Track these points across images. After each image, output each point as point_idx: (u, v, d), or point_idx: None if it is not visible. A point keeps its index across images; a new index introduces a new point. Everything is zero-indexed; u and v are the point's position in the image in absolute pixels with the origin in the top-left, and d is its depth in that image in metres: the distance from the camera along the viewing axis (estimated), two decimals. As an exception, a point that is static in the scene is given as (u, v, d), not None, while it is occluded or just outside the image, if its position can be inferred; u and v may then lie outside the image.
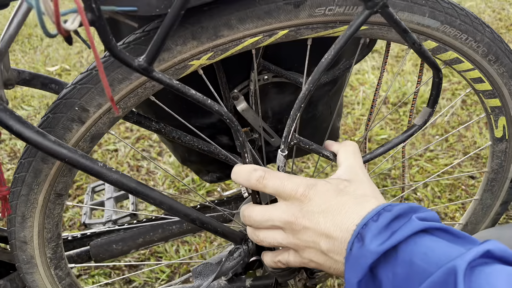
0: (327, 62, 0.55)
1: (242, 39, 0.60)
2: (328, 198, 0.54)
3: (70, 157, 0.58)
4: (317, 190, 0.55)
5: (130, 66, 0.49)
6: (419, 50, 0.58)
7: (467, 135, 2.02)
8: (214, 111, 0.56)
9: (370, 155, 0.69)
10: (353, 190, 0.55)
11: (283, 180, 0.57)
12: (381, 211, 0.50)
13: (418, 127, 0.68)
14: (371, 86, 2.36)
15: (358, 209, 0.52)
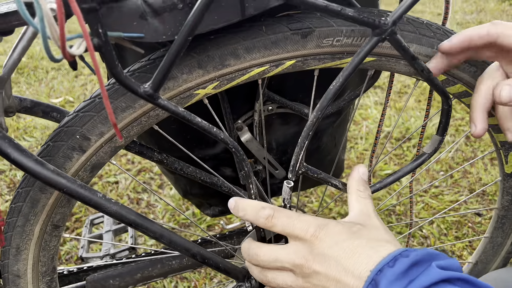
0: (335, 89, 0.54)
1: (249, 69, 0.59)
2: (340, 240, 0.51)
3: (68, 187, 0.56)
4: (328, 231, 0.52)
5: (136, 92, 0.48)
6: (428, 78, 0.57)
7: (472, 171, 2.00)
8: (219, 139, 0.55)
9: (380, 185, 0.67)
10: (366, 234, 0.52)
11: (293, 219, 0.54)
12: (398, 256, 0.47)
13: (428, 155, 0.66)
14: (374, 121, 2.36)
15: (372, 254, 0.49)
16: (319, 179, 0.61)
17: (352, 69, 0.53)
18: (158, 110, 0.60)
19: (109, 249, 0.94)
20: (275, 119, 0.82)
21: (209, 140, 0.82)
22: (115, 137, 0.61)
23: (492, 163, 2.05)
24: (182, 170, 0.78)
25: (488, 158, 2.08)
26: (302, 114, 0.80)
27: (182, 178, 0.91)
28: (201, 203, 0.98)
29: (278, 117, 0.82)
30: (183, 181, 0.92)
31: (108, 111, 0.42)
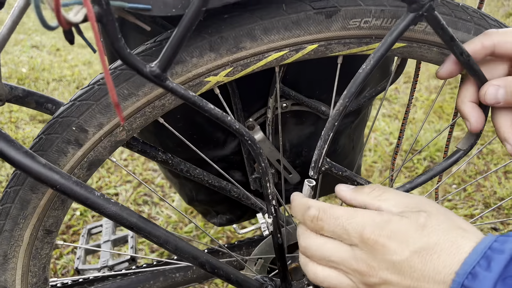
0: (365, 73, 0.47)
1: (266, 53, 0.53)
2: (410, 242, 0.43)
3: (62, 184, 0.49)
4: (391, 231, 0.43)
5: (141, 72, 0.42)
6: (467, 62, 0.50)
7: (486, 184, 1.93)
8: (234, 130, 0.48)
9: (410, 185, 0.60)
10: (437, 224, 0.43)
11: (342, 220, 0.46)
12: (489, 252, 0.39)
13: (463, 152, 0.59)
14: (382, 133, 2.30)
15: (454, 250, 0.41)
16: (344, 177, 0.55)
17: (385, 50, 0.47)
18: (164, 99, 0.53)
19: (108, 260, 0.87)
20: (289, 118, 0.76)
21: (218, 140, 0.76)
22: (116, 131, 0.54)
23: (506, 176, 1.98)
24: (189, 172, 0.71)
25: (502, 172, 2.01)
26: (319, 112, 0.74)
27: (187, 183, 0.84)
28: (207, 211, 0.91)
29: (293, 115, 0.76)
30: (188, 186, 0.85)
31: (109, 85, 0.35)
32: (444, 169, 0.61)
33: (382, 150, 2.15)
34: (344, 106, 0.49)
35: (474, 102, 0.56)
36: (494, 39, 0.51)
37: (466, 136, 0.60)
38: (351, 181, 0.55)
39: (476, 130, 0.55)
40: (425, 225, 0.43)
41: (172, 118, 0.71)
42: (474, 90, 0.55)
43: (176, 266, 0.80)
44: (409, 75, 3.08)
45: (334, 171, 0.54)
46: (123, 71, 0.51)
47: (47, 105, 0.63)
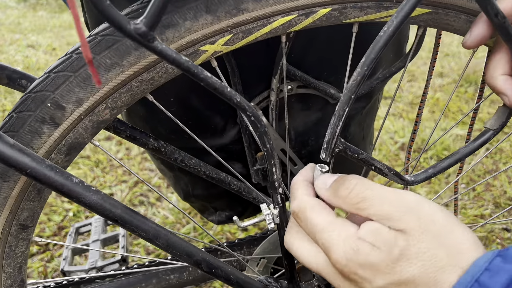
0: (388, 36, 0.40)
1: (271, 18, 0.46)
2: (379, 275, 0.37)
3: (33, 168, 0.42)
4: (359, 264, 0.38)
5: (123, 29, 0.34)
6: (502, 25, 0.43)
7: (495, 184, 1.85)
8: (234, 103, 0.41)
9: (433, 170, 0.53)
10: (415, 254, 0.36)
11: (316, 230, 0.41)
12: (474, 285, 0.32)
13: (493, 132, 0.52)
14: (386, 131, 2.23)
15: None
16: (360, 160, 0.47)
17: (411, 7, 0.40)
18: (153, 71, 0.46)
19: (96, 261, 0.79)
20: (294, 102, 0.69)
21: (216, 127, 0.69)
22: (98, 108, 0.47)
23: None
24: (183, 162, 0.64)
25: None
26: (328, 96, 0.67)
27: (182, 176, 0.77)
28: (205, 208, 0.83)
29: (298, 100, 0.69)
30: (184, 180, 0.78)
31: (79, 34, 0.28)
32: (471, 151, 0.54)
33: (387, 149, 2.08)
34: (363, 75, 0.42)
35: (507, 74, 0.49)
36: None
37: (496, 115, 0.53)
38: (368, 165, 0.48)
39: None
40: (399, 259, 0.36)
41: (165, 101, 0.63)
42: (506, 61, 0.48)
43: (171, 267, 0.73)
44: (413, 74, 3.01)
45: (349, 153, 0.46)
46: (105, 37, 0.44)
47: (21, 81, 0.56)
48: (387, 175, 0.50)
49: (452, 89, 2.72)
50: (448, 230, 0.37)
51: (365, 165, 0.48)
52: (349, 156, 0.46)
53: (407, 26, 0.73)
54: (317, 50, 0.64)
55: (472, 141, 0.54)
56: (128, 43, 0.44)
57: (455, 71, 3.03)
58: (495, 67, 0.49)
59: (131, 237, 1.53)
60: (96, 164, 1.95)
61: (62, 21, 4.54)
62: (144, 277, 0.72)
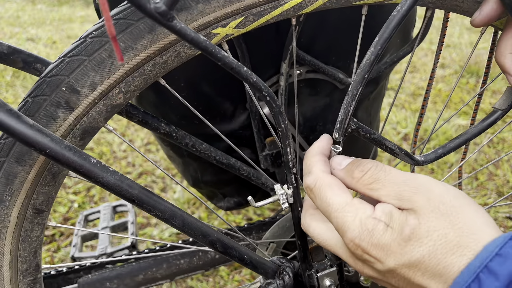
0: (401, 15, 0.41)
1: (282, 0, 0.46)
2: (391, 255, 0.37)
3: (52, 149, 0.43)
4: (372, 244, 0.39)
5: (143, 8, 0.35)
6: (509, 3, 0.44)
7: (498, 173, 1.86)
8: (250, 83, 0.42)
9: (443, 150, 0.54)
10: (425, 233, 0.36)
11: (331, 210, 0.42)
12: (481, 275, 0.32)
13: (502, 112, 0.53)
14: (389, 122, 2.23)
15: (440, 270, 0.35)
16: (372, 140, 0.48)
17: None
18: (166, 55, 0.47)
19: (106, 247, 0.80)
20: (303, 87, 0.69)
21: (226, 112, 0.69)
22: (112, 92, 0.48)
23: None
24: (194, 147, 0.65)
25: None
26: (336, 80, 0.68)
27: (192, 162, 0.78)
28: (214, 194, 0.84)
29: (307, 85, 0.69)
30: (193, 166, 0.78)
31: (104, 12, 0.29)
32: (480, 131, 0.54)
33: (390, 139, 2.08)
34: (376, 55, 0.43)
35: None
36: None
37: (504, 95, 0.53)
38: (379, 144, 0.49)
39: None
40: (410, 237, 0.37)
41: (175, 86, 0.64)
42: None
43: (181, 252, 0.74)
44: (414, 65, 3.01)
45: (362, 133, 0.47)
46: (118, 21, 0.45)
47: (36, 65, 0.56)
48: (398, 155, 0.51)
49: (453, 80, 2.73)
50: (458, 211, 0.37)
51: (377, 145, 0.48)
52: (362, 136, 0.47)
53: (414, 11, 0.73)
54: (326, 35, 0.64)
55: (481, 122, 0.55)
56: (141, 27, 0.44)
57: (456, 62, 3.03)
58: (505, 46, 0.50)
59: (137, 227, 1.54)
60: (100, 156, 1.96)
61: (61, 14, 4.53)
62: (154, 262, 0.73)
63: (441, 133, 2.10)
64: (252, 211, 1.61)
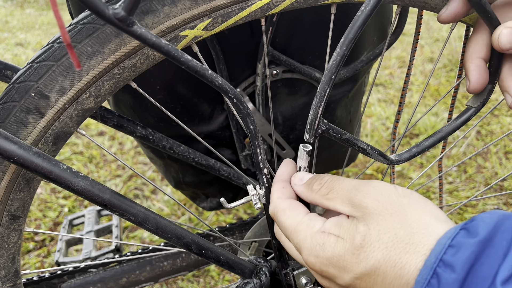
0: (365, 15, 0.41)
1: (249, 1, 0.47)
2: (347, 266, 0.37)
3: (20, 155, 0.43)
4: (326, 258, 0.39)
5: (102, 14, 0.35)
6: (478, 2, 0.44)
7: (487, 165, 1.87)
8: (215, 86, 0.42)
9: (417, 149, 0.54)
10: (376, 238, 0.36)
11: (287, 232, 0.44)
12: (438, 270, 0.31)
13: (475, 110, 0.53)
14: (378, 118, 2.24)
15: (398, 272, 0.35)
16: (343, 141, 0.48)
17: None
18: (134, 58, 0.47)
19: (90, 251, 0.80)
20: (280, 87, 0.70)
21: (204, 113, 0.69)
22: (82, 97, 0.48)
23: (507, 157, 1.93)
24: (172, 149, 0.65)
25: (503, 152, 1.96)
26: (313, 79, 0.68)
27: (173, 164, 0.78)
28: (196, 195, 0.84)
29: (284, 85, 0.70)
30: (174, 168, 0.79)
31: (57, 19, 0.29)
32: (454, 129, 0.55)
33: (379, 135, 2.09)
34: (342, 55, 0.43)
35: (483, 58, 0.50)
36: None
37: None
38: (351, 145, 0.49)
39: (473, 91, 0.50)
40: (362, 245, 0.36)
41: (151, 89, 0.64)
42: (483, 45, 0.49)
43: (164, 254, 0.74)
44: (404, 60, 3.02)
45: (332, 134, 0.47)
46: (85, 26, 0.45)
47: (6, 72, 0.56)
48: (371, 155, 0.51)
49: (442, 74, 2.74)
50: (406, 208, 0.37)
51: (349, 146, 0.49)
52: (332, 137, 0.47)
53: (390, 8, 0.74)
54: (302, 35, 0.64)
55: (455, 119, 0.55)
56: (108, 31, 0.45)
57: (445, 56, 3.04)
58: (473, 49, 0.50)
59: (128, 230, 1.54)
60: (90, 159, 1.95)
61: (50, 18, 4.51)
62: (138, 265, 0.73)
63: (429, 127, 2.11)
64: (243, 211, 1.61)
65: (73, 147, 2.04)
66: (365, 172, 1.83)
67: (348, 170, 1.86)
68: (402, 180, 1.79)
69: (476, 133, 2.10)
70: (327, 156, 0.81)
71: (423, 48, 3.19)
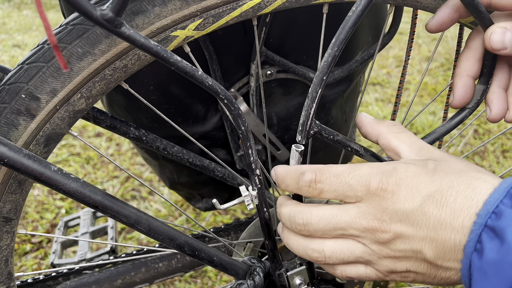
0: (356, 15, 0.41)
1: (240, 1, 0.46)
2: (421, 186, 0.38)
3: (10, 158, 0.43)
4: (400, 178, 0.39)
5: (90, 16, 0.35)
6: (471, 3, 0.44)
7: (484, 164, 1.87)
8: (206, 87, 0.42)
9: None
10: (449, 169, 0.39)
11: (343, 177, 0.40)
12: (511, 190, 0.34)
13: (469, 110, 0.53)
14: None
15: (471, 192, 0.36)
16: (335, 142, 0.48)
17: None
18: (125, 59, 0.47)
19: (86, 253, 0.80)
20: (275, 87, 0.70)
21: (198, 114, 0.69)
22: (73, 98, 0.48)
23: (504, 156, 1.93)
24: (166, 150, 0.65)
25: (500, 151, 1.96)
26: (307, 80, 0.68)
27: (167, 164, 0.78)
28: (191, 195, 0.84)
29: (279, 85, 0.70)
30: (169, 168, 0.78)
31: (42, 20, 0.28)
32: (448, 130, 0.54)
33: (377, 134, 2.09)
34: (333, 56, 0.43)
35: (472, 76, 0.50)
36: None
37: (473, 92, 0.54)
38: (344, 146, 0.49)
39: (455, 107, 0.52)
40: (435, 170, 0.39)
41: (144, 90, 0.64)
42: (473, 62, 0.50)
43: (159, 255, 0.74)
44: (401, 59, 3.02)
45: (325, 135, 0.47)
46: (75, 26, 0.44)
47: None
48: (364, 156, 0.51)
49: (440, 73, 2.74)
50: (469, 163, 0.41)
51: (341, 147, 0.48)
52: (325, 138, 0.47)
53: (385, 8, 0.73)
54: (296, 35, 0.64)
55: (449, 120, 0.55)
56: (98, 32, 0.44)
57: (442, 55, 3.04)
58: (463, 66, 0.51)
59: (125, 231, 1.54)
60: (87, 161, 1.95)
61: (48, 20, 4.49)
62: (133, 266, 0.73)
63: (427, 126, 2.11)
64: (240, 211, 1.61)
65: (70, 149, 2.03)
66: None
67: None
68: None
69: (473, 132, 2.10)
70: (322, 156, 0.81)
71: (421, 47, 3.19)
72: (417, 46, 3.25)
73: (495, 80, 0.51)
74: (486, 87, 0.51)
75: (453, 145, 2.00)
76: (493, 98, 0.51)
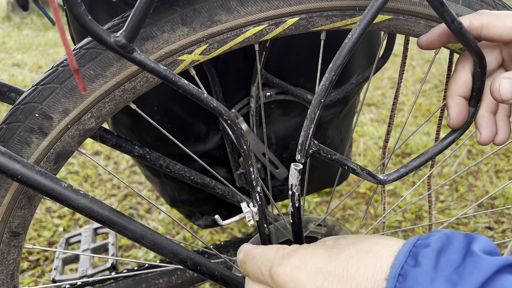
0: (352, 43, 0.44)
1: (243, 28, 0.49)
2: (319, 262, 0.38)
3: (24, 174, 0.45)
4: (299, 258, 0.40)
5: (104, 42, 0.38)
6: (458, 31, 0.47)
7: (478, 184, 1.90)
8: (211, 108, 0.44)
9: (405, 169, 0.56)
10: (346, 241, 0.40)
11: (257, 260, 0.43)
12: (413, 249, 0.34)
13: (459, 132, 0.56)
14: (370, 137, 2.28)
15: (372, 259, 0.36)
16: (333, 161, 0.51)
17: (372, 16, 0.43)
18: (135, 81, 0.49)
19: (87, 269, 0.81)
20: (274, 108, 0.72)
21: (199, 133, 0.72)
22: (84, 117, 0.50)
23: (498, 176, 1.96)
24: (168, 168, 0.67)
25: (493, 171, 1.99)
26: (305, 101, 0.71)
27: (169, 182, 0.80)
28: (192, 212, 0.86)
29: (278, 106, 0.72)
30: (170, 186, 0.80)
31: (66, 48, 0.31)
32: (440, 150, 0.57)
33: (372, 154, 2.12)
34: (331, 80, 0.45)
35: (463, 96, 0.52)
36: (483, 20, 0.47)
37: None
38: (341, 165, 0.51)
39: (453, 127, 0.53)
40: (333, 245, 0.39)
41: (149, 110, 0.67)
42: (462, 84, 0.52)
43: (159, 271, 0.75)
44: (395, 81, 3.08)
45: (323, 154, 0.49)
46: (88, 50, 0.47)
47: (10, 94, 0.58)
48: (361, 174, 0.53)
49: (433, 94, 2.79)
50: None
51: (339, 166, 0.51)
52: (323, 157, 0.49)
53: (378, 34, 0.77)
54: (294, 58, 0.67)
55: (441, 141, 0.58)
56: (110, 55, 0.47)
57: (436, 77, 3.10)
58: (455, 88, 0.52)
59: (122, 249, 1.54)
60: (85, 179, 1.96)
61: (47, 39, 4.56)
62: (133, 282, 0.74)
63: (421, 146, 2.14)
64: (237, 229, 1.62)
65: (69, 167, 2.05)
66: (358, 191, 1.85)
67: (342, 188, 1.88)
68: (395, 199, 1.81)
69: (467, 152, 2.13)
70: (319, 174, 0.83)
71: (415, 69, 3.25)
72: (411, 68, 3.32)
73: (483, 105, 0.53)
74: (476, 109, 0.54)
75: (447, 165, 2.03)
76: (483, 122, 0.53)
